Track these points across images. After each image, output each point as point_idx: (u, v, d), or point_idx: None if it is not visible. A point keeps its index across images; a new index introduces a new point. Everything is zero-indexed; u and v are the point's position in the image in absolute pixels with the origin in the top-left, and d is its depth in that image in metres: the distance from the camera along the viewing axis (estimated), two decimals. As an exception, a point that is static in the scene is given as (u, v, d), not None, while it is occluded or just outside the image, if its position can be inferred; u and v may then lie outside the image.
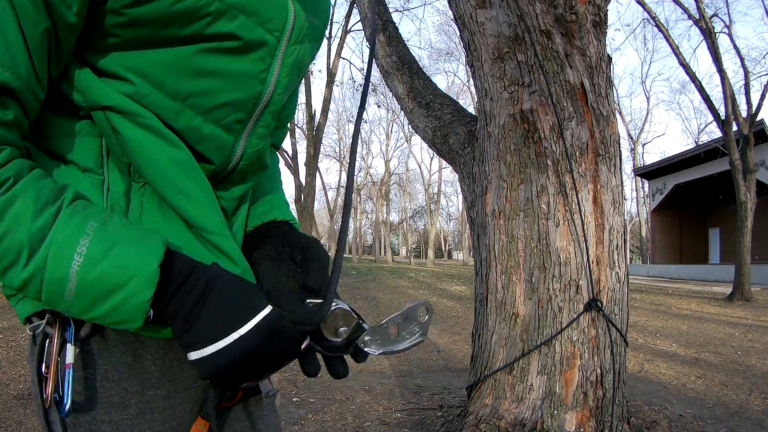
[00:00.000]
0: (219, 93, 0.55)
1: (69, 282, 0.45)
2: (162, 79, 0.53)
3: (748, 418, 3.41)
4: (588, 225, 2.37)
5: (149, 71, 0.53)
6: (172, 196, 0.55)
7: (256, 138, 0.61)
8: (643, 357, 5.35)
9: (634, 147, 31.50)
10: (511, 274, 2.47)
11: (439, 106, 3.25)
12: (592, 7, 2.37)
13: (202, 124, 0.56)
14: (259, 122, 0.60)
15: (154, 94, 0.53)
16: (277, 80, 0.58)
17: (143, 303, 0.47)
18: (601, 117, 2.42)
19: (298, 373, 4.37)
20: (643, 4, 10.91)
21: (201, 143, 0.57)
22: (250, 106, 0.58)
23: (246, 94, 0.57)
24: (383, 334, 0.58)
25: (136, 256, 0.47)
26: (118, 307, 0.47)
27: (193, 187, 0.56)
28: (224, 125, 0.58)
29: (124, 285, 0.46)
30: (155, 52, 0.52)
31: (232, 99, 0.56)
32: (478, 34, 2.59)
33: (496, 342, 2.48)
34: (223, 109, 0.56)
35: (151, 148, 0.53)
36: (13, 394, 3.29)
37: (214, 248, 0.58)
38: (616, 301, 2.41)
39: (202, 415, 0.61)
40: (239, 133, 0.59)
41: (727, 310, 9.17)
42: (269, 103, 0.59)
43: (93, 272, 0.45)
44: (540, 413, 2.29)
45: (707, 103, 10.53)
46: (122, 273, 0.46)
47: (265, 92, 0.58)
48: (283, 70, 0.58)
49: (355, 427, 3.10)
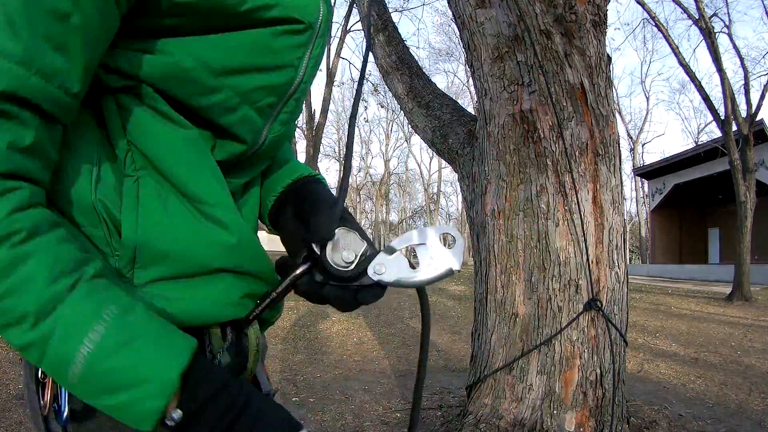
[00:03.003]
0: (261, 74, 0.57)
1: (74, 365, 0.41)
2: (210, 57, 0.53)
3: (747, 417, 3.41)
4: (587, 225, 2.37)
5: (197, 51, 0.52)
6: (174, 169, 0.54)
7: (278, 124, 0.63)
8: (643, 357, 5.35)
9: (634, 147, 31.49)
10: (511, 273, 2.47)
11: (439, 106, 3.25)
12: (591, 6, 2.37)
13: (238, 104, 0.57)
14: (285, 108, 0.62)
15: (199, 71, 0.52)
16: (306, 69, 0.60)
17: (154, 412, 0.43)
18: (601, 117, 2.42)
19: (298, 373, 4.37)
20: (643, 3, 10.91)
21: (236, 125, 0.58)
22: (283, 92, 0.60)
23: (284, 79, 0.59)
24: (399, 260, 0.50)
25: (156, 358, 0.43)
26: (124, 407, 0.43)
27: (197, 162, 0.55)
28: (258, 108, 0.59)
29: (135, 386, 0.42)
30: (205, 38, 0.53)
31: (270, 83, 0.58)
32: (478, 34, 2.59)
33: (496, 342, 2.48)
34: (261, 91, 0.58)
35: (160, 127, 0.53)
36: (13, 394, 3.28)
37: (211, 222, 0.55)
38: (616, 300, 2.41)
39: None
40: (268, 117, 0.61)
41: (726, 309, 9.17)
42: (296, 91, 0.61)
43: (103, 364, 0.42)
44: (540, 413, 2.29)
45: (707, 102, 10.53)
46: (136, 373, 0.42)
47: (296, 79, 0.60)
48: (311, 61, 0.61)
49: (354, 427, 3.10)
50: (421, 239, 0.51)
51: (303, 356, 5.03)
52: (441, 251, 0.50)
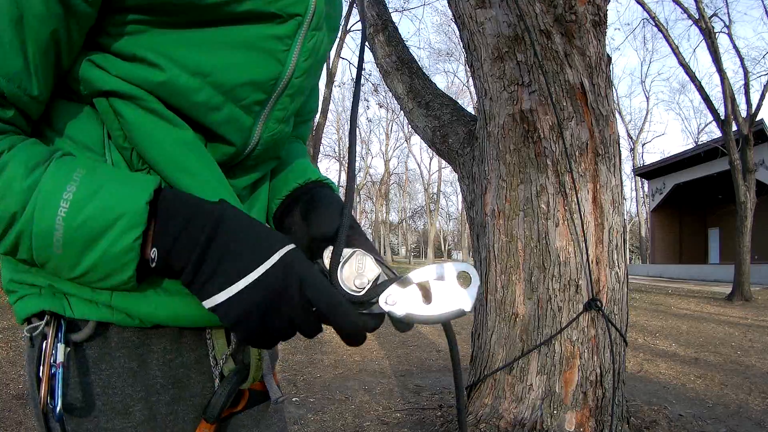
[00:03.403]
0: (240, 70, 0.55)
1: (56, 231, 0.44)
2: (184, 55, 0.52)
3: (747, 417, 3.41)
4: (587, 225, 2.37)
5: (170, 50, 0.52)
6: (175, 175, 0.54)
7: (273, 122, 0.61)
8: (643, 357, 5.35)
9: (634, 147, 31.50)
10: (511, 273, 2.47)
11: (439, 106, 3.25)
12: (591, 6, 2.37)
13: (222, 103, 0.56)
14: (277, 105, 0.60)
15: (173, 70, 0.52)
16: (296, 63, 0.59)
17: (130, 243, 0.45)
18: (601, 117, 2.42)
19: (298, 373, 4.37)
20: (643, 3, 10.91)
21: (222, 125, 0.57)
22: (269, 87, 0.58)
23: (266, 74, 0.57)
24: (412, 294, 0.48)
25: (123, 195, 0.45)
26: (105, 252, 0.45)
27: (196, 164, 0.55)
28: (244, 106, 0.58)
29: (110, 226, 0.45)
30: (177, 33, 0.52)
31: (252, 78, 0.56)
32: (478, 34, 2.59)
33: (496, 342, 2.48)
34: (244, 88, 0.56)
35: (155, 129, 0.53)
36: (13, 394, 3.29)
37: None
38: (616, 300, 2.41)
39: (206, 418, 0.59)
40: (257, 116, 0.59)
41: (726, 309, 9.18)
42: (287, 86, 0.60)
43: (79, 216, 0.44)
44: (540, 413, 2.29)
45: (707, 102, 10.54)
46: (108, 213, 0.45)
47: (284, 74, 0.58)
48: (302, 54, 0.59)
49: (354, 427, 3.10)
50: (438, 275, 0.50)
51: (303, 356, 5.03)
52: (455, 289, 0.49)
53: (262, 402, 0.67)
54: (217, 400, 0.58)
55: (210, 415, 0.58)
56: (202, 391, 0.61)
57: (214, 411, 0.58)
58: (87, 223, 0.44)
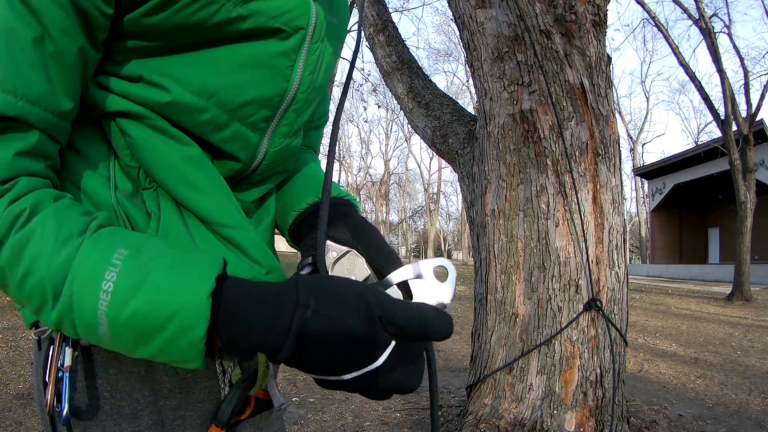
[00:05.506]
0: (246, 88, 0.55)
1: (100, 326, 0.39)
2: (190, 76, 0.52)
3: (747, 418, 3.41)
4: (587, 225, 2.37)
5: (176, 71, 0.52)
6: (184, 192, 0.54)
7: (279, 137, 0.61)
8: (643, 357, 5.35)
9: (634, 147, 31.50)
10: (511, 273, 2.47)
11: (439, 106, 3.25)
12: (591, 6, 2.37)
13: (228, 121, 0.55)
14: (283, 120, 0.60)
15: (179, 91, 0.52)
16: (301, 78, 0.58)
17: (196, 343, 0.40)
18: (601, 117, 2.42)
19: (298, 373, 4.37)
20: (643, 4, 10.91)
21: (228, 142, 0.57)
22: (275, 104, 0.58)
23: (272, 90, 0.57)
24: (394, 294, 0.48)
25: (176, 285, 0.39)
26: (162, 350, 0.40)
27: (204, 181, 0.55)
28: (250, 123, 0.57)
29: (164, 326, 0.39)
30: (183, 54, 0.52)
31: (258, 96, 0.56)
32: (478, 34, 2.59)
33: (496, 342, 2.48)
34: (250, 106, 0.56)
35: (161, 147, 0.53)
36: (13, 394, 3.28)
37: (231, 244, 0.56)
38: (616, 300, 2.41)
39: (216, 423, 0.58)
40: (263, 132, 0.59)
41: (726, 309, 9.18)
42: (293, 101, 0.59)
43: (123, 313, 0.39)
44: (539, 413, 2.29)
45: (707, 103, 10.54)
46: (158, 310, 0.39)
47: (290, 89, 0.58)
48: (307, 68, 0.58)
49: (354, 427, 3.10)
50: (415, 273, 0.50)
51: (303, 356, 5.03)
52: (434, 285, 0.50)
53: (265, 409, 0.66)
54: (227, 405, 0.58)
55: (220, 420, 0.58)
56: (209, 397, 0.60)
57: (224, 416, 0.58)
58: (134, 320, 0.39)
